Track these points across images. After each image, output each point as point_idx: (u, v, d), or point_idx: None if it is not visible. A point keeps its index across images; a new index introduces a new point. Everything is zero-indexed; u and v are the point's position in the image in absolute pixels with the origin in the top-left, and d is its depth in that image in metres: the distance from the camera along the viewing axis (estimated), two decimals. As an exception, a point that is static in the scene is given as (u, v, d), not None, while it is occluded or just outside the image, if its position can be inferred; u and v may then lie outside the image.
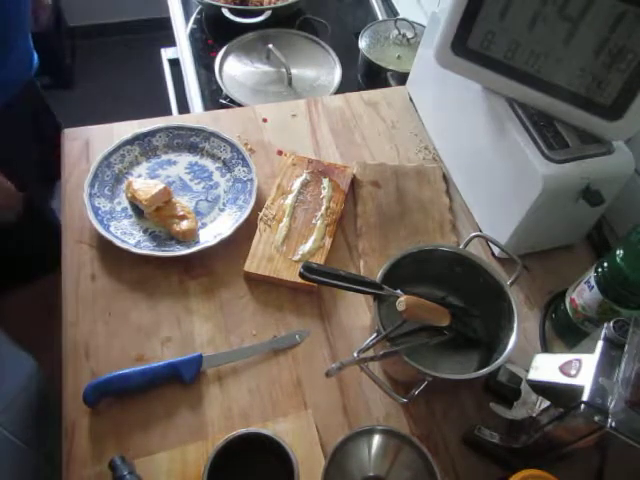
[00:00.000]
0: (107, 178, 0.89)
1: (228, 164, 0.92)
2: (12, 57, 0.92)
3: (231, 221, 0.85)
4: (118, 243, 0.80)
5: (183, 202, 0.87)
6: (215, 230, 0.85)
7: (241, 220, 0.84)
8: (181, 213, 0.84)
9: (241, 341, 0.76)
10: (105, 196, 0.87)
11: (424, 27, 1.14)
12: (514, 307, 0.68)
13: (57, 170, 0.92)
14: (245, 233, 0.85)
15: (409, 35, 1.23)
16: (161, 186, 0.84)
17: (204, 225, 0.86)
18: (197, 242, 0.82)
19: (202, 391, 0.71)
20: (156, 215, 0.84)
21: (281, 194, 0.89)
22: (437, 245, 0.75)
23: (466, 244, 0.75)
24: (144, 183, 0.85)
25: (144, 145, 0.93)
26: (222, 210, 0.88)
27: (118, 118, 0.95)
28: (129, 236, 0.83)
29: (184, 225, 0.83)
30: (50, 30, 2.11)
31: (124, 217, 0.85)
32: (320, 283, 0.67)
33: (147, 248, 0.81)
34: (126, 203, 0.87)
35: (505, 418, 0.67)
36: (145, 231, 0.84)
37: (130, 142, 0.92)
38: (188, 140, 0.94)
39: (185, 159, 0.93)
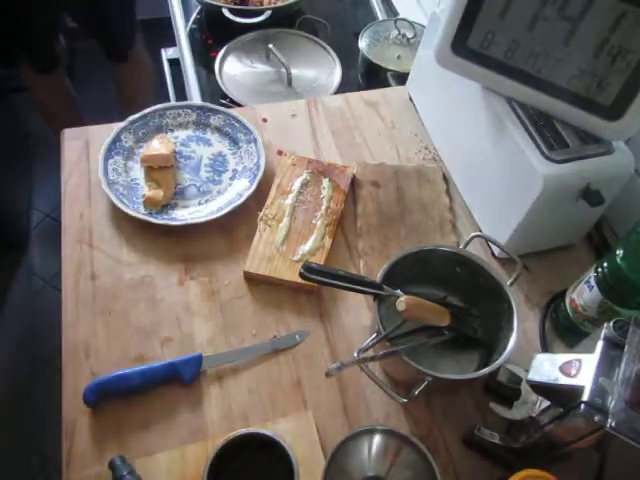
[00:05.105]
0: (152, 124, 0.94)
1: (246, 171, 0.91)
2: None
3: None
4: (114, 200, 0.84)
5: (180, 176, 0.89)
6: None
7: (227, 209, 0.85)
8: (162, 182, 0.87)
9: (241, 341, 0.76)
10: (137, 140, 0.92)
11: (424, 27, 1.13)
12: (514, 307, 0.68)
13: None
14: (245, 233, 0.85)
15: (409, 35, 1.23)
16: (166, 153, 0.87)
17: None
18: (172, 217, 0.85)
19: (202, 391, 0.71)
20: (147, 172, 0.88)
21: (281, 194, 0.89)
22: (437, 245, 0.75)
23: (466, 244, 0.76)
24: (162, 143, 0.89)
25: (201, 117, 0.97)
26: (207, 201, 0.88)
27: (118, 118, 0.95)
28: (127, 199, 0.86)
29: (150, 192, 0.85)
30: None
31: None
32: (320, 283, 0.67)
33: (142, 214, 0.84)
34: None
35: (505, 418, 0.67)
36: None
37: (193, 108, 0.97)
38: (236, 134, 0.95)
39: (219, 147, 0.95)
